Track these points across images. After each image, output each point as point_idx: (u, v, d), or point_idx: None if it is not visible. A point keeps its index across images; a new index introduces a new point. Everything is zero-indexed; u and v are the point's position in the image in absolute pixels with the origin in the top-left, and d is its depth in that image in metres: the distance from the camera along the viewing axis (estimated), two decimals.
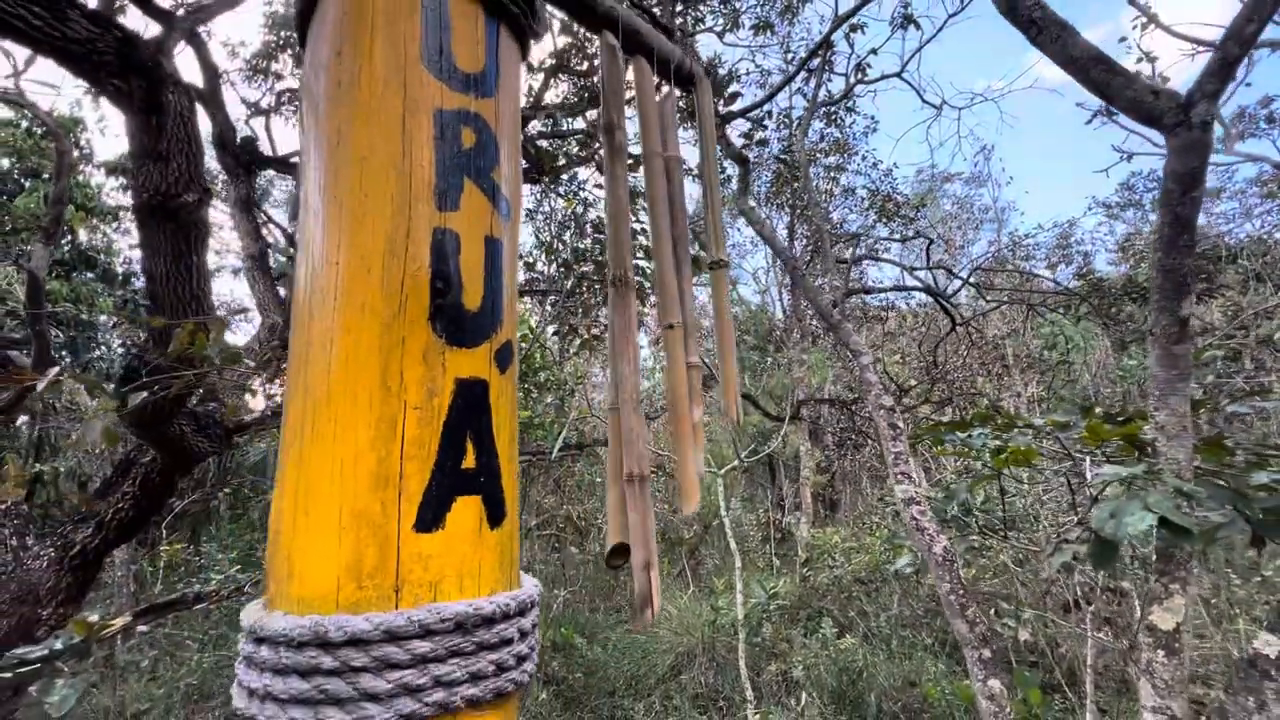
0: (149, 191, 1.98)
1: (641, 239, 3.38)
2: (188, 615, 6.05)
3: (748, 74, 6.65)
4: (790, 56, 5.86)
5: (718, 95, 3.29)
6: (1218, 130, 7.34)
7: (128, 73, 1.87)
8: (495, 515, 0.57)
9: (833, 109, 5.71)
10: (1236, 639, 4.22)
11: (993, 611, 5.12)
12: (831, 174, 7.53)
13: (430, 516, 0.52)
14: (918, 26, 4.82)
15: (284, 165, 7.23)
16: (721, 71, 5.56)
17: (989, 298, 6.80)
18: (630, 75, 1.02)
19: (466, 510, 0.54)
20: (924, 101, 4.99)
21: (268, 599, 0.54)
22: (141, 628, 4.29)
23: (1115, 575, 3.63)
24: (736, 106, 3.73)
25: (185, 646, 5.41)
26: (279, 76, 7.30)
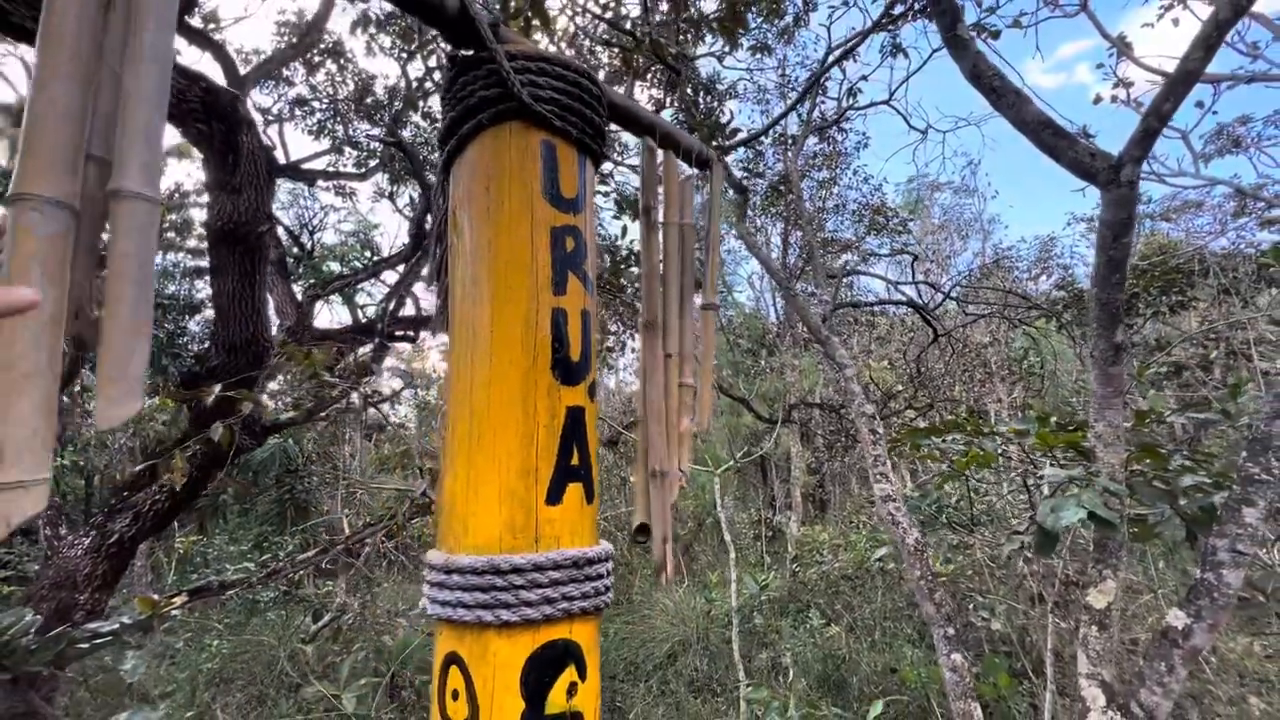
0: (223, 220, 2.25)
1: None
2: (202, 605, 6.29)
3: (745, 91, 6.99)
4: (785, 77, 6.19)
5: (720, 135, 3.61)
6: (1185, 154, 7.73)
7: (210, 118, 2.15)
8: (589, 496, 0.88)
9: (825, 129, 6.03)
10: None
11: (971, 606, 5.47)
12: (824, 188, 7.86)
13: (554, 495, 0.83)
14: (906, 55, 5.15)
15: (296, 172, 7.45)
16: (720, 86, 5.90)
17: (970, 310, 7.16)
18: (661, 164, 1.33)
19: (574, 492, 0.85)
20: (910, 126, 5.33)
21: (446, 548, 0.84)
22: (175, 611, 4.56)
23: (1067, 565, 3.98)
24: (736, 136, 4.06)
25: (206, 631, 5.66)
26: (290, 83, 7.54)
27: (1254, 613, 5.50)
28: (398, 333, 6.53)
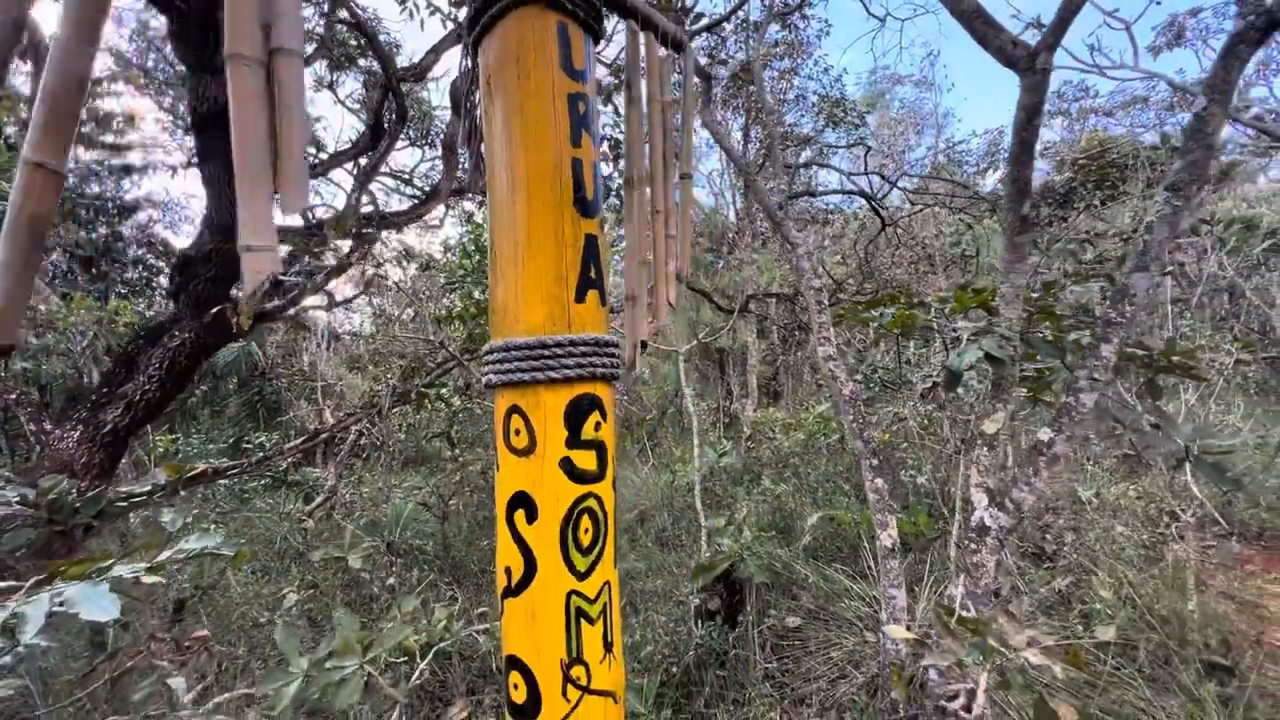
0: (208, 102, 2.31)
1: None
2: (197, 494, 6.60)
3: None
4: None
5: (685, 15, 3.68)
6: (1127, 47, 7.95)
7: None
8: (603, 300, 1.20)
9: (788, 15, 6.01)
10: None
11: (902, 468, 6.26)
12: (785, 78, 7.86)
13: (580, 296, 1.15)
14: None
15: None
16: None
17: (918, 201, 7.53)
18: (643, 46, 1.55)
19: (593, 296, 1.17)
20: (869, 13, 5.38)
21: (501, 337, 1.16)
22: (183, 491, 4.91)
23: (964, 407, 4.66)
24: (700, 22, 4.08)
25: (201, 519, 6.02)
26: None
27: (1134, 461, 6.47)
28: (365, 230, 6.52)
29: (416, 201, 7.93)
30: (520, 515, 1.11)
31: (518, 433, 1.13)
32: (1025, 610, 3.38)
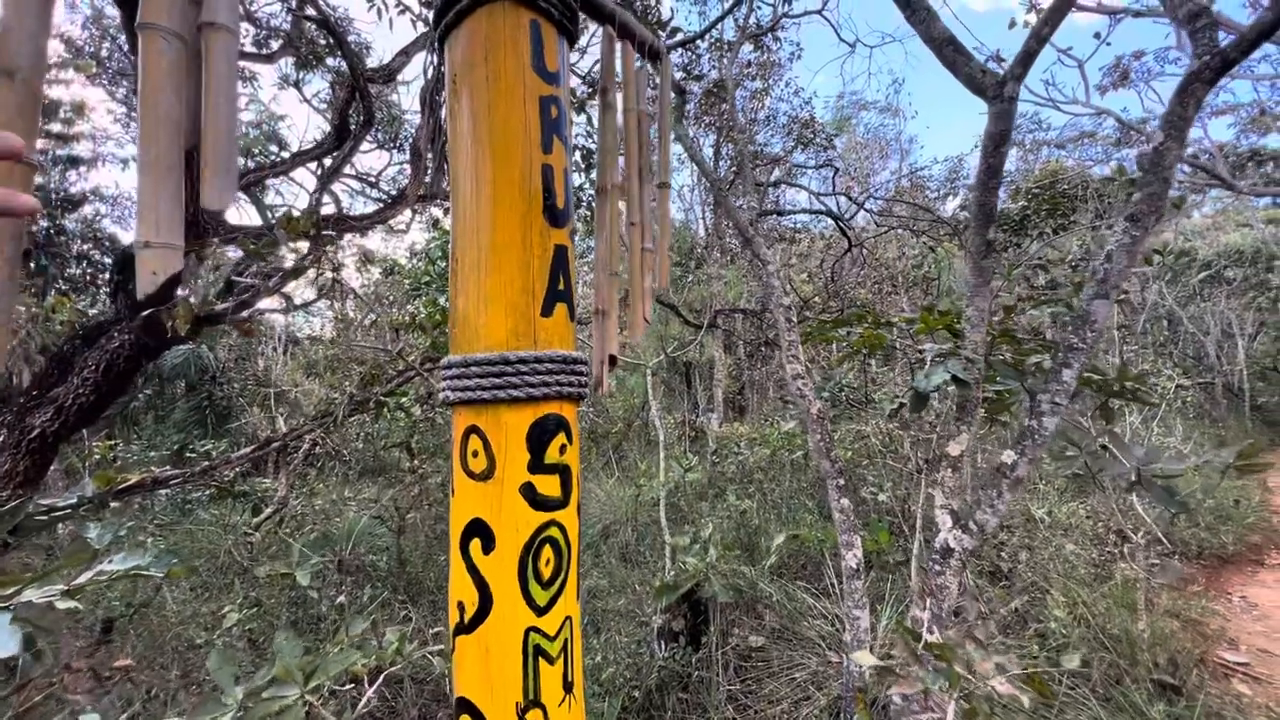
0: None
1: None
2: (136, 505, 6.23)
3: None
4: None
5: (662, 29, 3.68)
6: (1079, 84, 8.38)
7: None
8: (571, 314, 1.14)
9: (760, 36, 6.10)
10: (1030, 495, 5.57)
11: (863, 485, 6.32)
12: (757, 98, 7.98)
13: (548, 309, 1.08)
14: None
15: None
16: None
17: (882, 223, 7.70)
18: (619, 54, 1.50)
19: (561, 310, 1.11)
20: (840, 38, 5.50)
21: (461, 351, 1.08)
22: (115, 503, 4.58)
23: (940, 437, 4.73)
24: (676, 36, 4.10)
25: (139, 531, 5.67)
26: None
27: (1083, 481, 6.67)
28: (324, 232, 6.30)
29: (382, 205, 7.75)
30: (476, 545, 1.03)
31: (475, 455, 1.05)
32: (989, 633, 3.41)
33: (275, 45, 7.27)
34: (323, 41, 7.15)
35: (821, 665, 3.57)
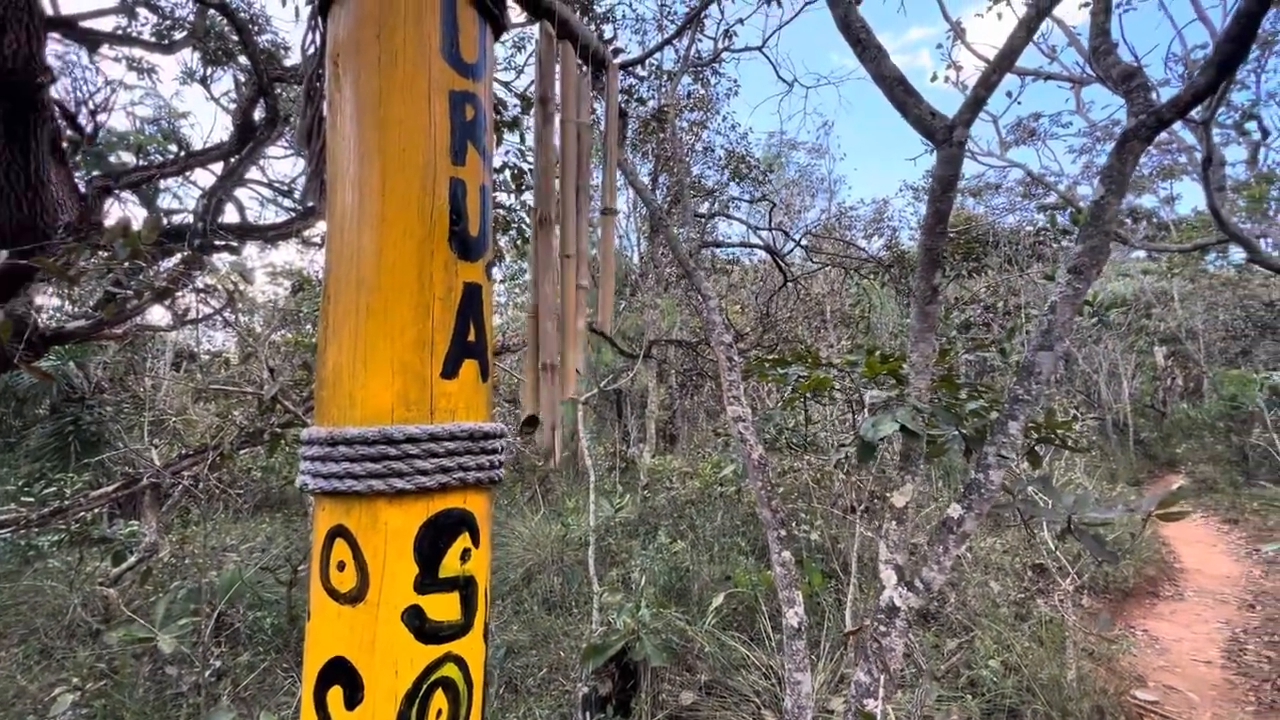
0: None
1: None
2: None
3: (623, 18, 6.79)
4: (664, 8, 6.11)
5: (607, 46, 3.51)
6: (994, 138, 8.99)
7: None
8: (484, 373, 0.87)
9: (700, 69, 6.09)
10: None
11: (794, 522, 6.24)
12: (694, 130, 8.01)
13: (451, 369, 0.81)
14: (779, 4, 5.31)
15: (69, 28, 6.06)
16: (599, 8, 5.67)
17: (815, 260, 7.84)
18: (559, 56, 1.28)
19: (470, 368, 0.84)
20: (779, 76, 5.57)
21: (330, 422, 0.80)
22: None
23: (874, 481, 4.71)
24: (619, 57, 3.95)
25: None
26: None
27: (999, 518, 6.89)
28: (218, 242, 5.68)
29: (293, 216, 7.14)
30: (336, 696, 0.73)
31: (342, 567, 0.76)
32: (924, 689, 3.32)
33: (179, 36, 6.63)
34: (235, 38, 6.59)
35: None
